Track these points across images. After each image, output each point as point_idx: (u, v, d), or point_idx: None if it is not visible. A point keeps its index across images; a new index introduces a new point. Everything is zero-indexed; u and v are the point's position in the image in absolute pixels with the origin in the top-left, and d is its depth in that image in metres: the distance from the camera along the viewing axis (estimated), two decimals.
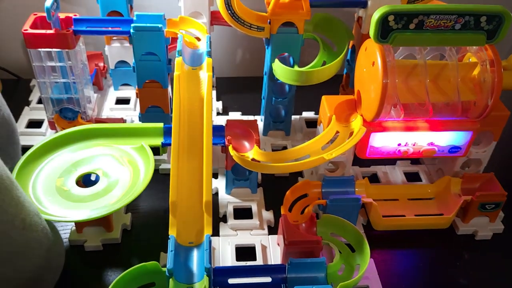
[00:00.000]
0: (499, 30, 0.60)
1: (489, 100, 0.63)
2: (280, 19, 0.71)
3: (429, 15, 0.58)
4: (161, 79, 0.76)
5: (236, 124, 0.71)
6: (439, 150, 0.68)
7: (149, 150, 0.66)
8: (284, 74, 0.73)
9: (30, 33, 0.69)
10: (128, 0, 0.83)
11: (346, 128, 0.67)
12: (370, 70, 0.62)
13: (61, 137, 0.67)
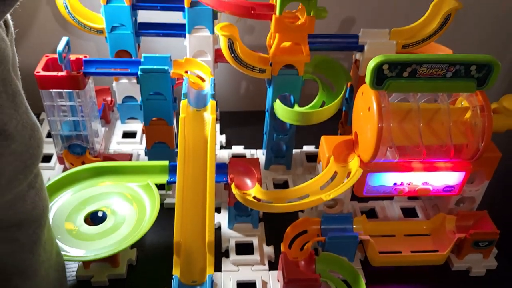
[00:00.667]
0: (489, 78, 0.63)
1: (480, 144, 0.65)
2: (281, 62, 0.74)
3: (421, 64, 0.62)
4: (167, 117, 0.79)
5: (238, 162, 0.74)
6: (434, 189, 0.71)
7: (155, 189, 0.69)
8: (285, 114, 0.76)
9: (42, 75, 0.73)
10: (136, 40, 0.86)
11: (344, 168, 0.70)
12: (366, 114, 0.66)
13: (69, 176, 0.70)
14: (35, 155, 0.45)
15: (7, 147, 0.41)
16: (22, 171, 0.44)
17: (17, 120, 0.42)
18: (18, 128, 0.42)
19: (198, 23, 0.84)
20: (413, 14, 0.82)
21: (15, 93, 0.42)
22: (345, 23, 1.03)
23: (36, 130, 0.45)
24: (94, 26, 0.84)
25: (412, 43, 0.76)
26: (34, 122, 0.45)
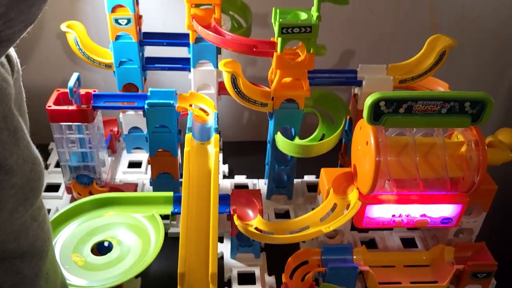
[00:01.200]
0: (483, 114, 0.65)
1: (475, 177, 0.67)
2: (282, 97, 0.77)
3: (417, 101, 0.64)
4: (172, 148, 0.82)
5: (241, 193, 0.76)
6: (432, 221, 0.72)
7: (160, 220, 0.71)
8: (286, 147, 0.78)
9: (54, 109, 0.76)
10: (142, 74, 0.90)
11: (343, 200, 0.72)
12: (364, 148, 0.68)
13: (77, 207, 0.72)
14: (36, 188, 0.46)
15: (8, 181, 0.42)
16: (23, 204, 0.45)
17: (18, 154, 0.43)
18: (18, 162, 0.43)
19: (203, 58, 0.87)
20: (410, 48, 0.85)
21: (17, 129, 0.43)
22: (343, 57, 1.06)
23: (37, 164, 0.46)
24: (103, 61, 0.88)
25: (409, 79, 0.79)
26: (35, 156, 0.46)
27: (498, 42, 1.06)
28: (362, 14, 1.00)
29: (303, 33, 0.70)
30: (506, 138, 0.73)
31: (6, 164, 0.41)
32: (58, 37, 0.99)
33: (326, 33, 0.78)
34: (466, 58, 1.08)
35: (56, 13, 0.94)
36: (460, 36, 1.04)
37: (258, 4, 0.95)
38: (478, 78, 1.10)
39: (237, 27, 0.91)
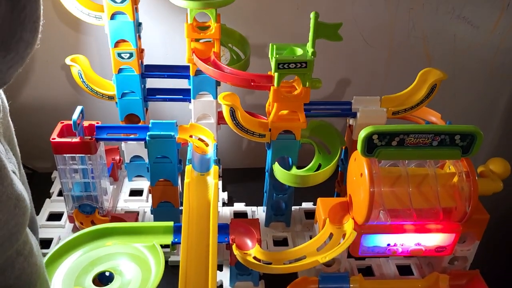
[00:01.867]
0: (473, 146, 0.67)
1: (467, 207, 0.69)
2: (280, 128, 0.79)
3: (409, 134, 0.66)
4: (172, 178, 0.84)
5: (239, 223, 0.77)
6: (426, 250, 0.74)
7: (160, 250, 0.72)
8: (283, 176, 0.80)
9: (58, 142, 0.78)
10: (144, 104, 0.92)
11: (339, 230, 0.73)
12: (359, 179, 0.70)
13: (78, 238, 0.74)
14: (21, 223, 0.46)
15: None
16: (8, 239, 0.45)
17: (2, 192, 0.43)
18: (2, 199, 0.43)
19: (202, 90, 0.90)
20: (404, 78, 0.88)
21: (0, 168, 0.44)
22: (339, 87, 1.09)
23: (21, 200, 0.46)
24: (106, 92, 0.91)
25: (402, 110, 0.81)
26: (19, 192, 0.46)
27: (490, 71, 1.09)
28: (358, 45, 1.04)
29: (299, 68, 0.73)
30: (497, 168, 0.75)
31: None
32: (63, 69, 1.02)
33: (321, 63, 0.81)
34: (459, 87, 1.11)
35: (62, 46, 0.98)
36: (453, 66, 1.08)
37: (256, 36, 0.98)
38: (471, 107, 1.13)
39: (236, 59, 0.94)
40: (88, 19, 0.85)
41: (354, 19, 1.01)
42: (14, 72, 0.40)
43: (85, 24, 0.89)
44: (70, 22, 0.95)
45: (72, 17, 0.86)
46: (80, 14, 0.85)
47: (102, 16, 0.84)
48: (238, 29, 0.93)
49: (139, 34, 0.86)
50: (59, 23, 0.97)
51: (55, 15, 0.95)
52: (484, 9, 1.01)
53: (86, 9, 0.84)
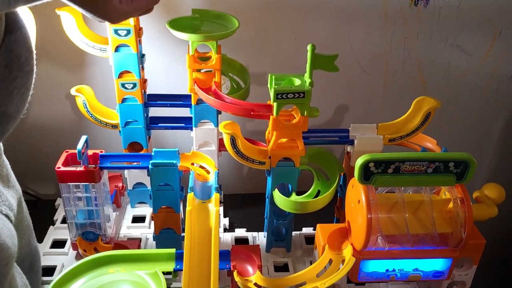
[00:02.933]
0: (467, 173, 0.69)
1: (463, 233, 0.71)
2: (279, 156, 0.81)
3: (404, 162, 0.68)
4: (174, 205, 0.86)
5: (240, 250, 0.79)
6: (424, 275, 0.75)
7: (162, 278, 0.73)
8: (283, 203, 0.82)
9: (63, 171, 0.80)
10: (147, 133, 0.95)
11: (338, 256, 0.75)
12: (356, 206, 0.72)
13: (81, 266, 0.75)
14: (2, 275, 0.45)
15: None
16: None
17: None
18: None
19: (204, 118, 0.93)
20: (400, 103, 0.91)
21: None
22: (336, 114, 1.12)
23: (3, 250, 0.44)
24: (110, 121, 0.93)
25: (398, 138, 0.83)
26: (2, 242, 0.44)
27: (484, 98, 1.12)
28: (354, 73, 1.07)
29: (297, 98, 0.76)
30: (492, 193, 0.77)
31: None
32: (67, 98, 1.05)
33: (319, 89, 0.83)
34: (454, 113, 1.13)
35: (67, 76, 1.01)
36: (448, 92, 1.10)
37: (256, 65, 1.02)
38: (466, 132, 1.15)
39: (236, 87, 0.96)
40: (93, 52, 0.88)
41: (350, 47, 1.04)
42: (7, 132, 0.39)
43: (90, 56, 0.92)
44: (76, 53, 0.98)
45: (77, 49, 0.89)
46: (85, 47, 0.88)
47: (106, 48, 0.87)
48: (238, 58, 0.96)
49: (142, 65, 0.89)
50: (65, 54, 1.00)
51: (61, 46, 0.98)
52: (477, 37, 1.05)
53: (92, 42, 0.87)
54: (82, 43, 0.88)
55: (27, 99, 0.41)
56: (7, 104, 0.38)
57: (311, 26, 1.01)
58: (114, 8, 0.43)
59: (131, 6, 0.45)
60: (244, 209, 1.07)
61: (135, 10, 0.45)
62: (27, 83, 0.41)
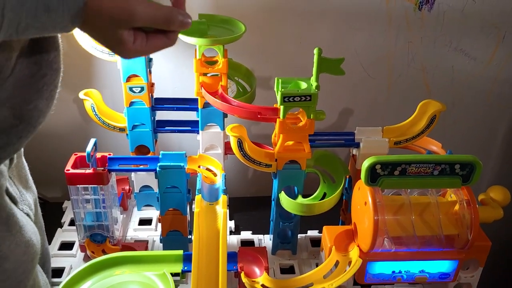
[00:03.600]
0: (472, 175, 0.70)
1: (469, 235, 0.71)
2: (285, 158, 0.82)
3: (410, 164, 0.69)
4: (181, 207, 0.86)
5: (247, 251, 0.79)
6: (430, 276, 0.76)
7: (171, 278, 0.74)
8: (289, 205, 0.83)
9: (72, 173, 0.81)
10: (154, 136, 0.96)
11: (345, 258, 0.75)
12: (363, 208, 0.72)
13: (90, 267, 0.76)
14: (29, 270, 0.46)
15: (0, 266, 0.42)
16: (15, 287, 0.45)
17: (10, 240, 0.44)
18: (11, 248, 0.44)
19: (210, 121, 0.94)
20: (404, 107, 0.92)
21: (9, 216, 0.44)
22: (342, 117, 1.13)
23: (30, 246, 0.46)
24: (117, 125, 0.94)
25: (403, 141, 0.84)
26: (28, 238, 0.46)
27: (488, 101, 1.13)
28: (359, 77, 1.07)
29: (304, 101, 0.76)
30: (497, 195, 0.77)
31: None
32: (75, 102, 1.06)
33: (324, 94, 0.84)
34: (458, 117, 1.14)
35: (75, 80, 1.02)
36: (452, 96, 1.11)
37: (262, 69, 1.02)
38: (471, 135, 1.16)
39: (242, 91, 0.97)
40: (101, 56, 0.89)
41: (355, 51, 1.05)
42: (25, 141, 0.40)
43: (98, 60, 0.93)
44: (84, 57, 0.99)
45: (86, 53, 0.90)
46: (94, 51, 0.89)
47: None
48: (244, 62, 0.97)
49: (149, 69, 0.90)
50: (74, 59, 1.01)
51: (70, 50, 0.99)
52: (481, 42, 1.06)
53: (100, 46, 0.88)
54: (90, 47, 0.89)
55: (55, 96, 0.42)
56: (37, 100, 0.40)
57: (316, 31, 1.02)
58: (128, 48, 0.44)
59: (145, 47, 0.46)
60: (250, 212, 1.07)
61: (149, 50, 0.46)
62: (55, 80, 0.43)
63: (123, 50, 0.44)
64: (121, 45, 0.43)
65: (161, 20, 0.45)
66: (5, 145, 0.38)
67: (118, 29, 0.42)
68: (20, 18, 0.34)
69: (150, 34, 0.46)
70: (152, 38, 0.46)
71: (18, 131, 0.39)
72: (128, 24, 0.42)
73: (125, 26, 0.42)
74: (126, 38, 0.43)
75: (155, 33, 0.46)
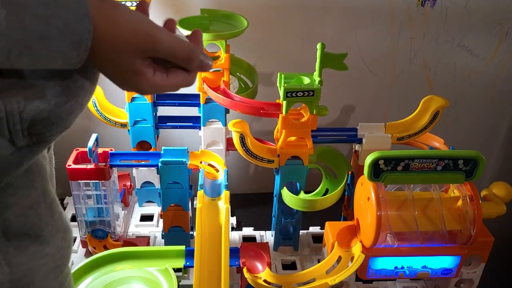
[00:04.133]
0: (476, 171, 0.70)
1: (472, 230, 0.71)
2: (288, 154, 0.82)
3: (413, 159, 0.69)
4: (183, 203, 0.86)
5: (249, 247, 0.79)
6: (433, 272, 0.76)
7: (173, 274, 0.74)
8: (292, 201, 0.82)
9: (73, 168, 0.81)
10: (155, 132, 0.95)
11: (347, 253, 0.75)
12: (366, 203, 0.72)
13: (92, 262, 0.76)
14: (66, 256, 0.47)
15: (42, 250, 0.44)
16: (53, 271, 0.46)
17: (52, 225, 0.45)
18: (52, 233, 0.45)
19: (212, 117, 0.93)
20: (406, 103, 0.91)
21: (52, 201, 0.46)
22: (344, 113, 1.13)
23: (68, 233, 0.47)
24: (119, 120, 0.94)
25: (406, 136, 0.84)
26: (67, 225, 0.48)
27: (490, 98, 1.13)
28: (361, 73, 1.07)
29: (306, 96, 0.76)
30: (500, 191, 0.77)
31: (42, 235, 0.43)
32: None
33: (326, 90, 0.84)
34: (461, 113, 1.14)
35: None
36: (454, 92, 1.11)
37: (263, 65, 1.02)
38: (473, 132, 1.16)
39: (244, 87, 0.97)
40: None
41: (357, 47, 1.05)
42: (74, 119, 0.40)
43: None
44: None
45: None
46: None
47: None
48: (246, 58, 0.96)
49: None
50: None
51: None
52: (483, 38, 1.05)
53: None
54: None
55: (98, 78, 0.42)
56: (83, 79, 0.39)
57: (318, 27, 1.02)
58: (147, 80, 0.40)
59: (165, 82, 0.42)
60: (251, 209, 1.07)
61: (169, 86, 0.42)
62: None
63: (140, 82, 0.40)
64: (139, 76, 0.40)
65: (183, 55, 0.41)
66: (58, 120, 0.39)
67: (137, 57, 0.39)
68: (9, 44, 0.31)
69: (170, 69, 0.42)
70: (172, 73, 0.42)
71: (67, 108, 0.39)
72: (149, 51, 0.39)
73: (146, 53, 0.39)
74: (145, 69, 0.40)
75: (175, 68, 0.42)
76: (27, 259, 0.43)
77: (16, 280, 0.42)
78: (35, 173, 0.43)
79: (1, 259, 0.41)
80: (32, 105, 0.36)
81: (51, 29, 0.33)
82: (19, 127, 0.36)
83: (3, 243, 0.41)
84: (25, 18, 0.32)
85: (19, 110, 0.36)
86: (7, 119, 0.36)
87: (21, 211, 0.42)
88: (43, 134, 0.38)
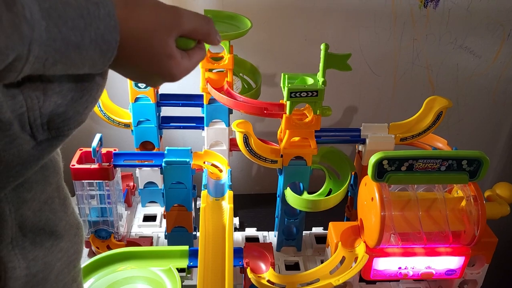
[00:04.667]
0: (479, 171, 0.70)
1: (476, 231, 0.71)
2: (291, 154, 0.82)
3: (417, 160, 0.69)
4: (187, 203, 0.86)
5: (253, 247, 0.79)
6: (436, 273, 0.76)
7: (177, 274, 0.74)
8: (295, 201, 0.82)
9: (77, 168, 0.81)
10: (159, 132, 0.96)
11: (351, 253, 0.75)
12: (370, 203, 0.72)
13: (96, 262, 0.76)
14: (78, 251, 0.49)
15: (57, 245, 0.45)
16: (67, 266, 0.47)
17: (66, 221, 0.47)
18: (66, 228, 0.46)
19: (215, 117, 0.94)
20: (409, 104, 0.92)
21: (66, 197, 0.48)
22: (347, 114, 1.13)
23: (80, 228, 0.49)
24: (122, 120, 0.94)
25: (409, 137, 0.84)
26: (79, 221, 0.50)
27: (492, 99, 1.13)
28: (364, 74, 1.07)
29: (310, 96, 0.76)
30: (503, 192, 0.77)
31: (56, 230, 0.45)
32: None
33: (329, 91, 0.84)
34: (463, 114, 1.14)
35: None
36: (456, 93, 1.11)
37: (266, 66, 1.02)
38: (476, 133, 1.16)
39: (247, 88, 0.97)
40: None
41: (360, 48, 1.05)
42: (89, 112, 0.42)
43: None
44: None
45: None
46: None
47: None
48: (249, 59, 0.97)
49: None
50: None
51: None
52: (486, 40, 1.06)
53: None
54: None
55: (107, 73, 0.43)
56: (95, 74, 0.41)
57: (321, 28, 1.02)
58: (178, 63, 0.42)
59: (190, 63, 0.44)
60: (254, 209, 1.07)
61: (193, 66, 0.45)
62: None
63: (173, 66, 0.42)
64: (171, 61, 0.41)
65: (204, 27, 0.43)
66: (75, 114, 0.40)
67: (168, 37, 0.40)
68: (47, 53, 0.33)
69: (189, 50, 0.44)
70: (192, 53, 0.44)
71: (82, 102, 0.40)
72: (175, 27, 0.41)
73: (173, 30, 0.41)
74: (176, 52, 0.41)
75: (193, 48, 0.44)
76: (43, 254, 0.44)
77: (32, 274, 0.43)
78: (50, 168, 0.44)
79: (18, 254, 0.42)
80: (51, 100, 0.38)
81: (84, 39, 0.35)
82: (39, 121, 0.38)
83: (20, 238, 0.42)
84: (63, 29, 0.33)
85: (39, 105, 0.37)
86: (28, 114, 0.37)
87: (37, 206, 0.43)
88: (61, 128, 0.40)
